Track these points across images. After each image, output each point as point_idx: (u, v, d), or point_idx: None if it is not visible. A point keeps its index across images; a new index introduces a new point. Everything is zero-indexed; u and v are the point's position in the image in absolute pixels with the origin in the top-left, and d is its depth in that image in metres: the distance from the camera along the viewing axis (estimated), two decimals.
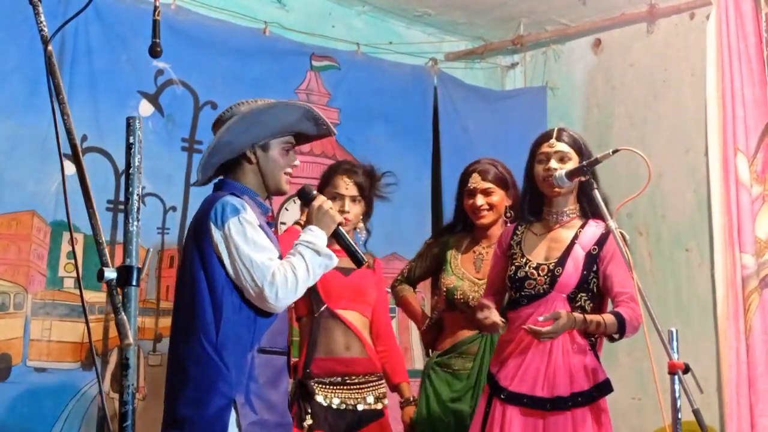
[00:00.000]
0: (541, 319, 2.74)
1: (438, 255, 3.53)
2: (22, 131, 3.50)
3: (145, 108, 3.89)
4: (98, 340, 3.64)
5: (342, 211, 3.18)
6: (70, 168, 1.95)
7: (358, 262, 2.73)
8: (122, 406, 1.62)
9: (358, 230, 3.34)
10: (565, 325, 2.74)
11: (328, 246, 2.89)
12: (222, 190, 2.65)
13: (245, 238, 2.49)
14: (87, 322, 1.72)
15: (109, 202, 3.75)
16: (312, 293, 3.15)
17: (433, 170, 4.94)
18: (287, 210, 4.30)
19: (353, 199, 3.28)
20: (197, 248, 2.56)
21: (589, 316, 2.80)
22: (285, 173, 2.70)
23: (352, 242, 2.76)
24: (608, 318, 2.81)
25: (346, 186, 3.27)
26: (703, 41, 4.40)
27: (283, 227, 4.12)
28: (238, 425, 2.46)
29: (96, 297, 3.62)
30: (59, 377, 3.53)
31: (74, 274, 3.58)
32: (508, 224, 3.35)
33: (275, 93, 4.15)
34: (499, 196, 3.40)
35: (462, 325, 3.40)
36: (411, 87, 4.90)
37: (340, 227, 2.69)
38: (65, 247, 3.59)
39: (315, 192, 2.73)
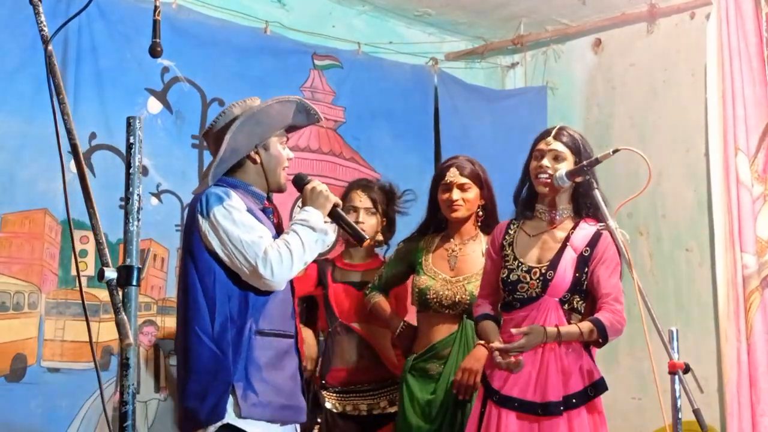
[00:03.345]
0: (514, 331, 2.76)
1: (409, 258, 3.50)
2: (30, 129, 3.47)
3: (154, 105, 3.89)
4: (113, 340, 3.56)
5: (357, 222, 3.39)
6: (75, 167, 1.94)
7: (360, 239, 2.78)
8: (122, 406, 1.62)
9: (375, 242, 3.58)
10: (534, 340, 2.75)
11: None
12: None
13: (233, 222, 2.50)
14: (88, 321, 1.72)
15: (121, 199, 3.73)
16: (327, 309, 3.49)
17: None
18: (300, 207, 4.30)
19: (367, 211, 3.54)
20: (186, 243, 2.60)
21: (563, 329, 2.78)
22: (283, 168, 2.73)
23: (351, 221, 2.83)
24: (586, 326, 2.77)
25: (360, 199, 3.54)
26: (703, 41, 4.39)
27: None
28: (238, 407, 2.46)
29: (108, 296, 3.58)
30: (74, 377, 3.48)
31: (86, 272, 3.54)
32: (479, 223, 3.41)
33: (280, 91, 4.11)
34: (474, 193, 3.39)
35: (435, 326, 3.38)
36: (412, 86, 4.90)
37: (337, 208, 2.71)
38: (77, 246, 3.54)
39: (309, 177, 2.75)
